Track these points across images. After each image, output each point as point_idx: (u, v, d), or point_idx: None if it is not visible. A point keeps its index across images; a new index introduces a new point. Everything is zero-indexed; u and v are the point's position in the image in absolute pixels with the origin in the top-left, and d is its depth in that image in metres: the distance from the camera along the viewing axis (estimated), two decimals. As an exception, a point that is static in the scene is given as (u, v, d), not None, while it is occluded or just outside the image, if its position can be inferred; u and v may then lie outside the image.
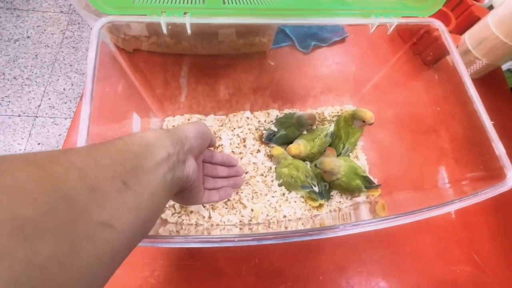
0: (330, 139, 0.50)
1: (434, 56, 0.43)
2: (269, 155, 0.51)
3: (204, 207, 0.44)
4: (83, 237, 0.14)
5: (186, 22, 0.34)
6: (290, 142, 0.50)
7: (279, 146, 0.49)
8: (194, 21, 0.34)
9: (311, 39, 0.58)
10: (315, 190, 0.44)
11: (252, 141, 0.51)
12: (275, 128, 0.50)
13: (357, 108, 0.50)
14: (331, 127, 0.50)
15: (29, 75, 1.31)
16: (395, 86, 0.52)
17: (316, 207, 0.47)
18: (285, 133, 0.49)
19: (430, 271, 0.44)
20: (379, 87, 0.54)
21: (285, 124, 0.50)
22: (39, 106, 1.26)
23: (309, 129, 0.51)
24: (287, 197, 0.47)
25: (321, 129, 0.50)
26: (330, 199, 0.48)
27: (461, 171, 0.39)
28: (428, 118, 0.47)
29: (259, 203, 0.46)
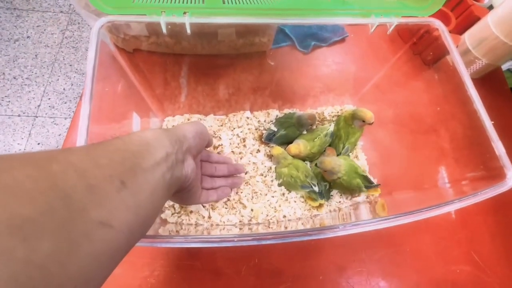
0: (330, 139, 0.50)
1: (434, 56, 0.43)
2: (269, 155, 0.51)
3: (204, 207, 0.44)
4: (82, 236, 0.14)
5: (186, 22, 0.34)
6: (290, 142, 0.50)
7: (279, 146, 0.49)
8: (193, 20, 0.34)
9: (311, 39, 0.58)
10: (315, 190, 0.44)
11: (252, 141, 0.51)
12: (275, 128, 0.50)
13: (357, 108, 0.50)
14: (331, 127, 0.50)
15: (29, 75, 1.31)
16: (395, 86, 0.52)
17: (316, 207, 0.47)
18: (285, 133, 0.49)
19: (430, 271, 0.44)
20: (379, 87, 0.54)
21: (285, 124, 0.50)
22: (39, 106, 1.26)
23: (309, 129, 0.51)
24: (287, 197, 0.47)
25: (321, 129, 0.50)
26: (330, 199, 0.48)
27: (461, 171, 0.39)
28: (428, 118, 0.47)
29: (259, 203, 0.46)
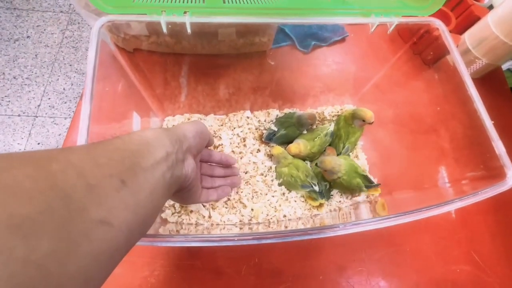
0: (330, 139, 0.50)
1: (434, 55, 0.43)
2: (269, 154, 0.51)
3: (204, 207, 0.44)
4: (81, 236, 0.14)
5: (186, 21, 0.34)
6: (290, 142, 0.50)
7: (279, 146, 0.49)
8: (194, 20, 0.34)
9: (311, 39, 0.58)
10: (315, 189, 0.44)
11: (252, 141, 0.51)
12: (275, 127, 0.50)
13: (357, 108, 0.50)
14: (331, 127, 0.50)
15: (29, 75, 1.31)
16: (395, 85, 0.52)
17: (316, 207, 0.47)
18: (285, 133, 0.49)
19: (430, 270, 0.44)
20: (379, 86, 0.54)
21: (285, 123, 0.50)
22: (39, 106, 1.26)
23: (309, 129, 0.51)
24: (287, 197, 0.47)
25: (321, 128, 0.50)
26: (330, 199, 0.48)
27: (461, 171, 0.39)
28: (428, 118, 0.47)
29: (259, 203, 0.46)
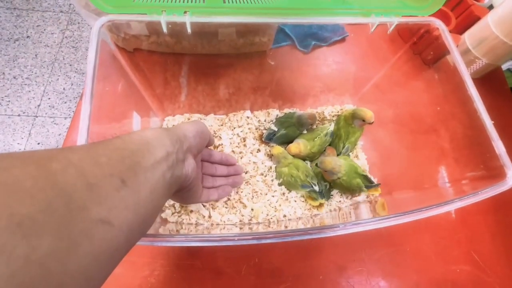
0: (330, 139, 0.50)
1: (434, 55, 0.43)
2: (269, 154, 0.51)
3: (204, 207, 0.44)
4: (82, 235, 0.14)
5: (186, 21, 0.34)
6: (290, 142, 0.50)
7: (279, 146, 0.49)
8: (194, 20, 0.34)
9: (311, 39, 0.58)
10: (315, 189, 0.44)
11: (252, 141, 0.51)
12: (275, 127, 0.50)
13: (357, 107, 0.50)
14: (331, 127, 0.50)
15: (28, 75, 1.31)
16: (395, 85, 0.52)
17: (316, 207, 0.47)
18: (285, 133, 0.49)
19: (430, 270, 0.44)
20: (379, 86, 0.54)
21: (285, 123, 0.50)
22: (39, 105, 1.26)
23: (309, 129, 0.51)
24: (287, 197, 0.47)
25: (321, 128, 0.50)
26: (330, 199, 0.48)
27: (461, 171, 0.39)
28: (428, 118, 0.47)
29: (259, 203, 0.46)
